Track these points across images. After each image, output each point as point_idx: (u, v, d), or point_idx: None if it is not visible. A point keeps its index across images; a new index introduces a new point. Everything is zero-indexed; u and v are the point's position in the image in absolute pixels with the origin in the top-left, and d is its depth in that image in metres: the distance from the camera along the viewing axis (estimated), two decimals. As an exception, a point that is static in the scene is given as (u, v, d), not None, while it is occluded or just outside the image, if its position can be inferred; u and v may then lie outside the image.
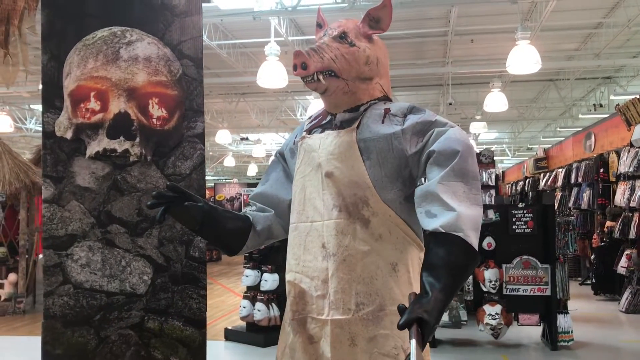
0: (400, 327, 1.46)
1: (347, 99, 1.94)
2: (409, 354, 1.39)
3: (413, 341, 1.41)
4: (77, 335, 2.56)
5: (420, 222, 1.76)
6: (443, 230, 1.64)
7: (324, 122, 2.00)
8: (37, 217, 8.76)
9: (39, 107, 15.35)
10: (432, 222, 1.68)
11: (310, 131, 2.01)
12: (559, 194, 12.35)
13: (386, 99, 2.02)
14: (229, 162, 22.46)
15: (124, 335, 2.57)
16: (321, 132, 1.97)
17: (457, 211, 1.66)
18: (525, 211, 6.10)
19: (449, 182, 1.71)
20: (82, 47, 2.57)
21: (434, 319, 1.48)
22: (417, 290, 1.82)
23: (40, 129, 13.56)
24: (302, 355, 1.90)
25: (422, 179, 1.94)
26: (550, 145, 16.25)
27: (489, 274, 5.94)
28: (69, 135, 2.58)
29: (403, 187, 1.88)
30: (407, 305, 1.52)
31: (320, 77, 1.87)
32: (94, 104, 2.55)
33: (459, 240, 1.63)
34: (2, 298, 8.27)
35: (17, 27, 2.63)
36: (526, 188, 16.39)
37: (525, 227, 6.08)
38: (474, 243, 1.65)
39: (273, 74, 8.79)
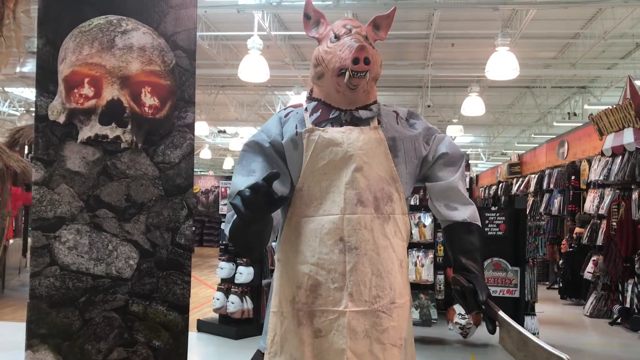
0: (483, 304, 1.77)
1: (363, 97, 1.98)
2: (490, 320, 1.75)
3: (501, 312, 1.74)
4: (61, 316, 2.59)
5: (439, 213, 2.03)
6: (469, 220, 1.96)
7: (331, 116, 1.99)
8: (9, 202, 8.64)
9: (13, 90, 15.07)
10: (458, 214, 1.98)
11: (317, 125, 1.98)
12: (531, 199, 12.60)
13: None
14: (205, 154, 22.34)
15: (108, 317, 2.61)
16: (331, 126, 1.97)
17: (473, 205, 2.01)
18: (497, 214, 6.23)
19: (460, 180, 2.02)
20: (78, 33, 2.60)
21: (490, 292, 1.82)
22: (408, 285, 2.00)
23: (14, 112, 13.26)
24: (306, 348, 1.90)
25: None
26: (524, 151, 16.55)
27: (460, 274, 6.05)
28: (61, 119, 2.61)
29: (413, 184, 2.07)
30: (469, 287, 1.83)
31: (368, 73, 1.91)
32: (87, 90, 2.58)
33: (479, 228, 1.99)
34: (-29, 282, 8.20)
35: (12, 10, 2.64)
36: (499, 192, 16.66)
37: (497, 229, 6.20)
38: None
39: (255, 67, 8.80)
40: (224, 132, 19.32)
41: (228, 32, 10.66)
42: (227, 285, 6.48)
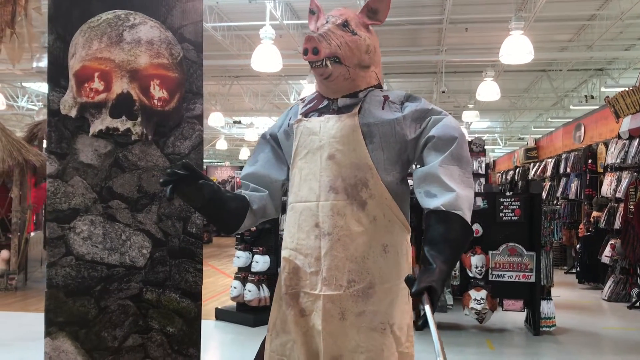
0: (414, 295, 1.67)
1: (347, 85, 2.03)
2: (424, 316, 1.63)
3: (427, 307, 1.63)
4: (78, 305, 2.67)
5: (420, 201, 1.93)
6: (444, 209, 1.82)
7: (320, 106, 2.07)
8: (29, 195, 8.79)
9: (31, 85, 15.28)
10: (433, 201, 1.85)
11: (306, 115, 2.09)
12: (547, 184, 12.52)
13: (379, 86, 2.13)
14: (222, 145, 22.47)
15: (123, 305, 2.68)
16: (318, 115, 2.05)
17: (456, 192, 1.83)
18: (512, 199, 6.20)
19: (447, 166, 1.88)
20: (87, 29, 2.65)
21: (440, 287, 1.69)
22: (404, 270, 1.99)
23: (32, 106, 13.47)
24: (293, 327, 2.01)
25: (414, 165, 2.09)
26: (541, 136, 16.40)
27: (476, 260, 6.05)
28: (73, 113, 2.67)
29: (401, 170, 2.02)
30: (412, 277, 1.72)
31: (328, 62, 1.95)
32: (97, 84, 2.64)
33: (458, 217, 1.82)
34: (-5, 275, 8.35)
35: (24, 8, 2.70)
36: (516, 177, 16.54)
37: (512, 214, 6.18)
38: (469, 220, 1.84)
39: (267, 57, 8.81)
40: (239, 122, 19.41)
41: (240, 22, 10.69)
42: (244, 274, 6.55)
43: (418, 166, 2.04)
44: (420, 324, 1.68)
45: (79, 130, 2.68)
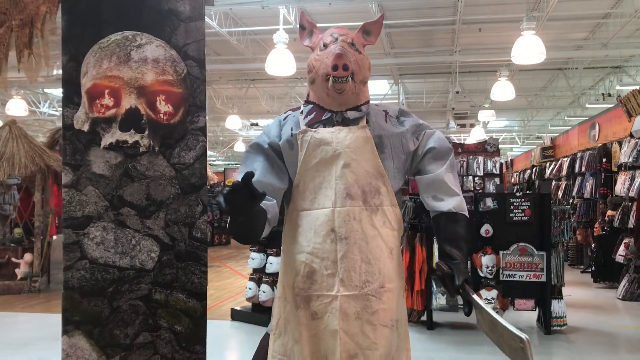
0: (457, 289, 1.95)
1: (352, 99, 2.18)
2: (467, 304, 1.94)
3: (475, 296, 1.92)
4: (92, 305, 2.87)
5: (426, 204, 2.20)
6: (454, 210, 2.11)
7: (323, 117, 2.18)
8: (51, 200, 8.99)
9: (52, 91, 15.59)
10: (444, 204, 2.14)
11: (310, 126, 2.18)
12: (563, 183, 12.48)
13: (369, 100, 2.28)
14: (239, 147, 22.70)
15: (134, 305, 2.87)
16: (324, 127, 2.17)
17: (460, 195, 2.15)
18: (522, 199, 6.25)
19: (447, 173, 2.16)
20: (98, 49, 2.85)
21: (470, 277, 2.01)
22: (402, 270, 2.21)
23: (54, 112, 13.73)
24: (303, 329, 2.11)
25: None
26: (557, 134, 16.33)
27: (487, 260, 6.10)
28: (85, 128, 2.87)
29: (403, 178, 2.23)
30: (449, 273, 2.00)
31: (349, 78, 2.10)
32: (108, 100, 2.84)
33: (464, 217, 2.15)
34: (18, 277, 8.54)
35: (40, 30, 2.92)
36: (533, 176, 16.49)
37: (522, 215, 6.22)
38: None
39: (281, 61, 8.96)
40: (257, 124, 19.61)
41: (255, 27, 10.85)
42: (259, 275, 6.65)
43: (416, 174, 2.25)
44: (467, 311, 1.98)
45: (92, 143, 2.88)
